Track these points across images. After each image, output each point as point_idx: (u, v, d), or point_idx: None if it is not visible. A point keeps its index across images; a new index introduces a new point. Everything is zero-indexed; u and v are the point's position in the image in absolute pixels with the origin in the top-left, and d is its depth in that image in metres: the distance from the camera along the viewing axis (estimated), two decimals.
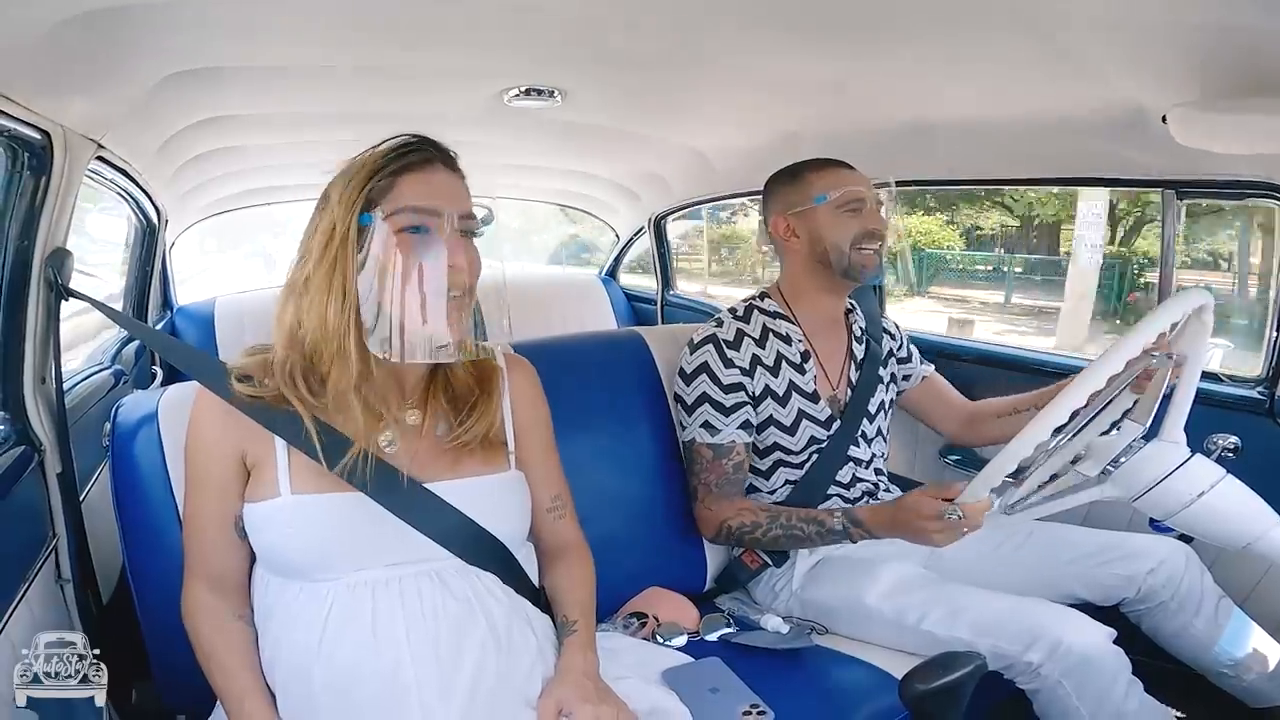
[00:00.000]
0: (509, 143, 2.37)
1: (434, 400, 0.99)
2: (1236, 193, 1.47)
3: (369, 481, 0.91)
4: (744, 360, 1.44)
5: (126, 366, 1.94)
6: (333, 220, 0.90)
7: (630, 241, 3.48)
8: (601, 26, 1.33)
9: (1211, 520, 1.04)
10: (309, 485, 0.93)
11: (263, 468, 0.94)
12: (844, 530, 1.33)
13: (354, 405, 0.92)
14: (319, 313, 0.90)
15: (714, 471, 1.44)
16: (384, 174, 0.91)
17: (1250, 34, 1.00)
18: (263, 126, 2.02)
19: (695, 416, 1.45)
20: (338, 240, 0.90)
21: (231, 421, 0.94)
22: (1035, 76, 1.33)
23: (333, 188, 0.93)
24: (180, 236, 2.87)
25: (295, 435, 0.92)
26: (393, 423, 0.96)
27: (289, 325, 0.93)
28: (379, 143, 0.94)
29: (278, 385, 0.92)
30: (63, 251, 1.26)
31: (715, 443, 1.44)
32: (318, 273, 0.91)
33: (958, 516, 1.15)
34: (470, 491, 0.97)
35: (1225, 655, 1.31)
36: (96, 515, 1.32)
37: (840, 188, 1.45)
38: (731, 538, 1.44)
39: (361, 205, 0.90)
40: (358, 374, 0.91)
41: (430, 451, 0.97)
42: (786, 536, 1.38)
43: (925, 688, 1.00)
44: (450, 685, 0.89)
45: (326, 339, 0.90)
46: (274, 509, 0.93)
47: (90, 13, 1.01)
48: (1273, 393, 1.45)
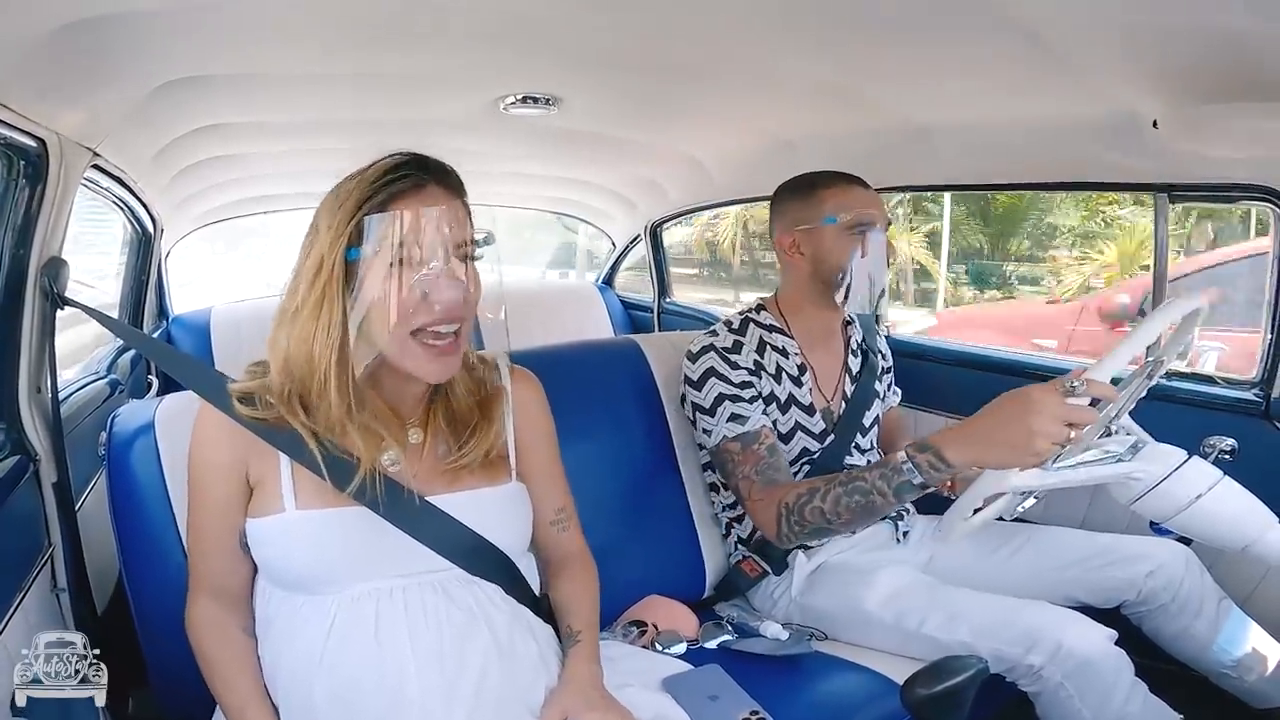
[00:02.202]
0: (505, 150, 2.37)
1: (434, 421, 0.99)
2: (1228, 195, 1.48)
3: (380, 499, 0.91)
4: (747, 363, 1.43)
5: (122, 376, 1.93)
6: (321, 253, 0.88)
7: (627, 249, 3.48)
8: (598, 34, 1.33)
9: (1209, 523, 1.03)
10: (313, 501, 0.92)
11: (266, 483, 0.94)
12: (910, 463, 1.11)
13: (351, 431, 0.91)
14: (305, 345, 0.89)
15: (749, 461, 1.36)
16: (373, 204, 0.87)
17: (1241, 38, 1.01)
18: (259, 134, 2.02)
19: (719, 415, 1.40)
20: (325, 275, 0.88)
21: (236, 437, 0.94)
22: (1030, 81, 1.34)
23: (321, 215, 0.90)
24: (177, 244, 2.86)
25: (301, 454, 0.91)
26: (394, 443, 0.95)
27: (281, 352, 0.92)
28: (369, 165, 0.90)
29: (279, 408, 0.92)
30: (58, 260, 1.26)
31: (744, 431, 1.37)
32: (306, 304, 0.89)
33: (1081, 387, 0.97)
34: (471, 504, 0.96)
35: (1226, 656, 1.31)
36: (92, 524, 1.31)
37: (850, 210, 1.43)
38: (795, 521, 1.26)
39: (349, 238, 0.87)
40: (345, 407, 0.90)
41: (432, 469, 0.97)
42: (849, 491, 1.19)
43: (927, 693, 1.00)
44: (454, 694, 0.89)
45: (313, 371, 0.89)
46: (279, 524, 0.92)
47: (85, 20, 1.01)
48: (1268, 395, 1.45)
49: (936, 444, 1.08)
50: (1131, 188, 1.62)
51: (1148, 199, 1.58)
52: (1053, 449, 0.98)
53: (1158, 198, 1.56)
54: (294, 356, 0.90)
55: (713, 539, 1.55)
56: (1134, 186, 1.61)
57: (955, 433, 1.08)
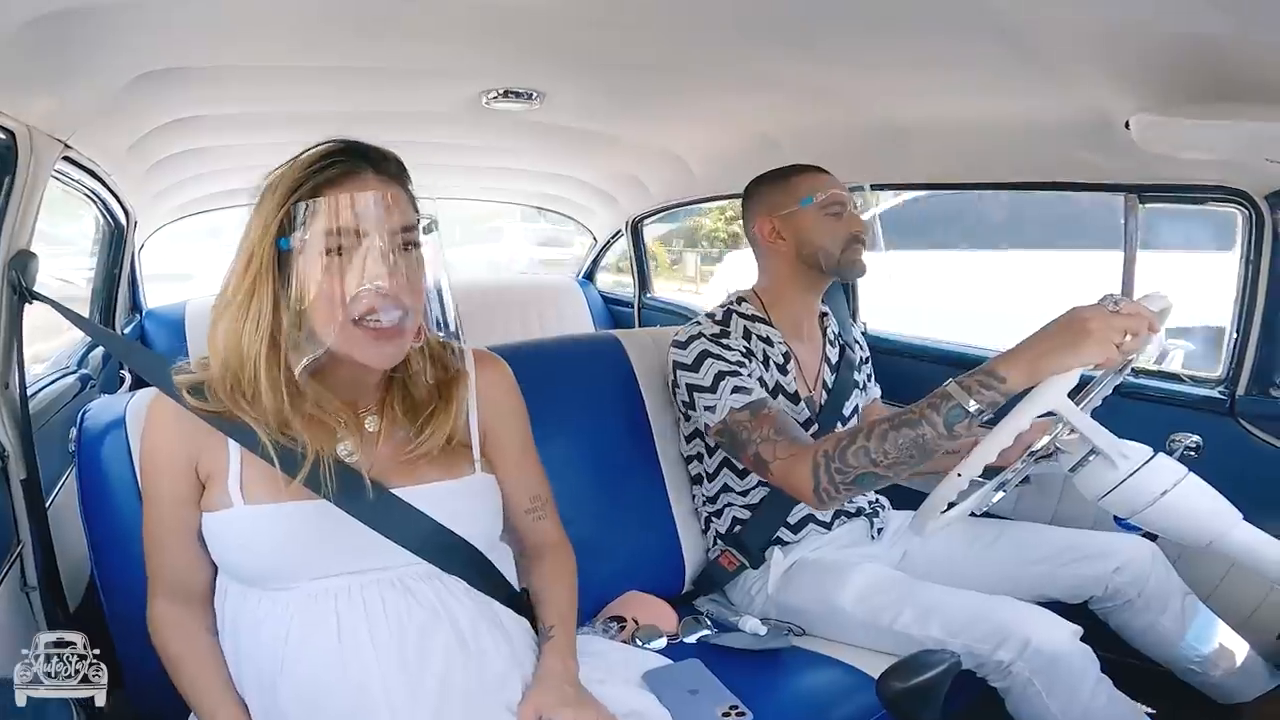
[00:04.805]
0: (486, 144, 2.36)
1: (391, 409, 0.97)
2: (1198, 196, 1.51)
3: (333, 489, 0.89)
4: (738, 347, 1.43)
5: (94, 371, 1.90)
6: (251, 244, 0.86)
7: (608, 244, 3.48)
8: (581, 29, 1.33)
9: (1174, 518, 1.05)
10: (263, 495, 0.91)
11: (216, 478, 0.93)
12: (959, 387, 1.07)
13: (294, 422, 0.89)
14: (235, 338, 0.88)
15: (765, 424, 1.30)
16: (302, 190, 0.85)
17: (1212, 41, 1.02)
18: (236, 127, 1.99)
19: (721, 390, 1.37)
20: (255, 266, 0.86)
21: (185, 431, 0.92)
22: (1005, 81, 1.35)
23: (255, 205, 0.88)
24: (151, 236, 2.82)
25: (253, 445, 0.90)
26: (349, 433, 0.94)
27: (217, 346, 0.90)
28: (301, 151, 0.88)
29: (224, 400, 0.90)
30: (27, 254, 1.23)
31: (751, 400, 1.34)
32: (238, 296, 0.87)
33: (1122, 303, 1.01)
34: (432, 496, 0.95)
35: (1192, 651, 1.34)
36: (62, 522, 1.29)
37: (824, 190, 1.47)
38: (836, 470, 1.16)
39: (278, 227, 0.85)
40: (278, 398, 0.88)
41: (390, 458, 0.96)
42: (895, 426, 1.11)
43: (902, 686, 1.01)
44: (419, 693, 0.88)
45: (243, 364, 0.88)
46: (228, 520, 0.91)
47: (57, 12, 0.99)
48: (1233, 392, 1.49)
49: (988, 364, 1.05)
50: (1103, 188, 1.64)
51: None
52: (1109, 348, 0.98)
53: (1128, 198, 1.59)
54: (227, 349, 0.89)
55: (692, 534, 1.56)
56: (1105, 187, 1.63)
57: (1006, 353, 1.05)
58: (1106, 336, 0.98)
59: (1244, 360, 1.48)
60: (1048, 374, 1.00)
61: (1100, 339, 0.97)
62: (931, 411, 1.08)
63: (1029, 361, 1.02)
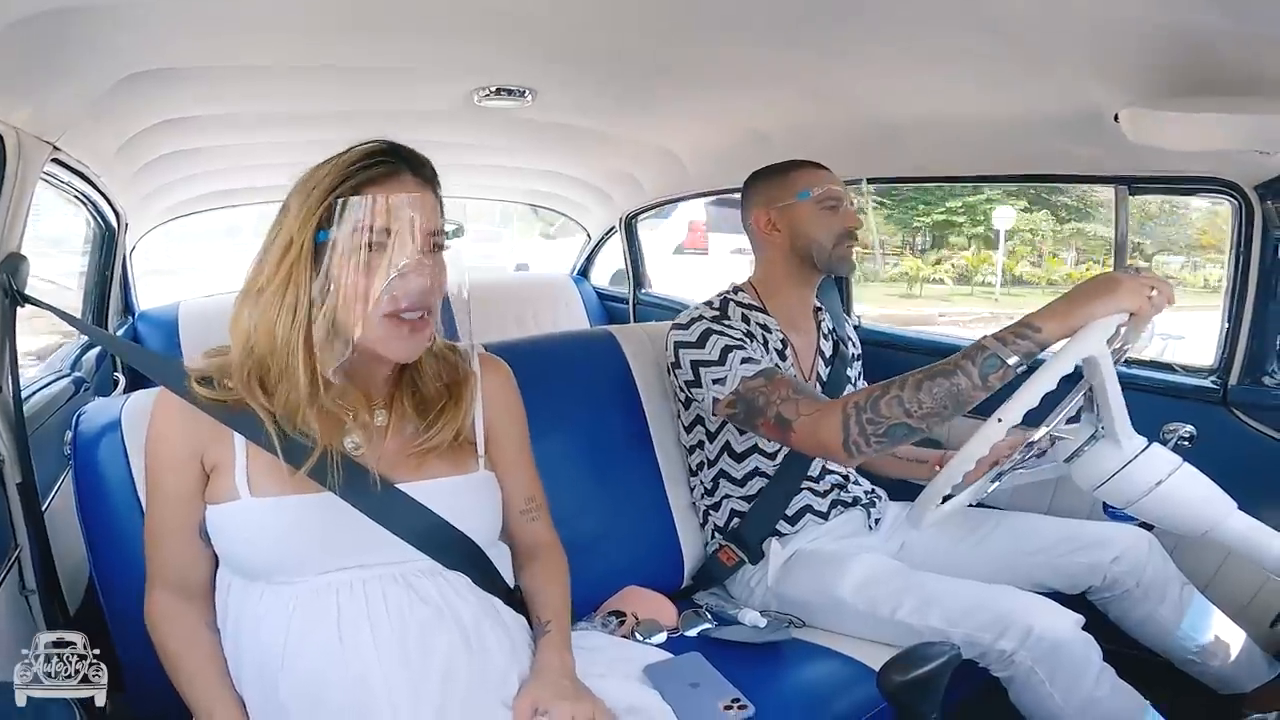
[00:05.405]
0: (479, 142, 2.35)
1: (400, 404, 0.99)
2: (1188, 188, 1.52)
3: (339, 481, 0.90)
4: (739, 328, 1.42)
5: (88, 373, 1.89)
6: (290, 234, 0.88)
7: (602, 241, 3.47)
8: (573, 26, 1.33)
9: (1170, 508, 1.06)
10: (269, 488, 0.91)
11: (222, 470, 0.93)
12: (995, 338, 1.09)
13: (309, 417, 0.90)
14: (269, 326, 0.89)
15: (783, 386, 1.28)
16: (345, 188, 0.87)
17: (1200, 33, 1.03)
18: (227, 127, 1.98)
19: (730, 361, 1.35)
20: (293, 255, 0.88)
21: (190, 424, 0.93)
22: (995, 76, 1.36)
23: (293, 197, 0.90)
24: (144, 237, 2.80)
25: (258, 436, 0.91)
26: (358, 427, 0.95)
27: (244, 331, 0.91)
28: (344, 150, 0.91)
29: (238, 389, 0.91)
30: (17, 256, 1.22)
31: (762, 368, 1.32)
32: (272, 285, 0.89)
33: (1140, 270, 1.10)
34: (438, 492, 0.96)
35: (1190, 642, 1.34)
36: (60, 525, 1.28)
37: (821, 185, 1.49)
38: (868, 420, 1.14)
39: (319, 221, 0.87)
40: (307, 394, 0.89)
41: (397, 453, 0.97)
42: (930, 376, 1.11)
43: (903, 679, 1.01)
44: (421, 689, 0.88)
45: (275, 353, 0.89)
46: (233, 511, 0.92)
47: (45, 13, 0.98)
48: (1225, 382, 1.49)
49: (1023, 318, 1.09)
50: (1093, 180, 1.66)
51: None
52: (1141, 297, 1.05)
53: (1118, 190, 1.60)
54: (257, 335, 0.90)
55: (691, 529, 1.57)
56: (1096, 179, 1.65)
57: (1042, 308, 1.10)
58: (1138, 287, 1.05)
59: (1236, 350, 1.49)
60: (1084, 321, 1.05)
61: (1132, 289, 1.05)
62: (967, 362, 1.09)
63: (1065, 313, 1.07)
